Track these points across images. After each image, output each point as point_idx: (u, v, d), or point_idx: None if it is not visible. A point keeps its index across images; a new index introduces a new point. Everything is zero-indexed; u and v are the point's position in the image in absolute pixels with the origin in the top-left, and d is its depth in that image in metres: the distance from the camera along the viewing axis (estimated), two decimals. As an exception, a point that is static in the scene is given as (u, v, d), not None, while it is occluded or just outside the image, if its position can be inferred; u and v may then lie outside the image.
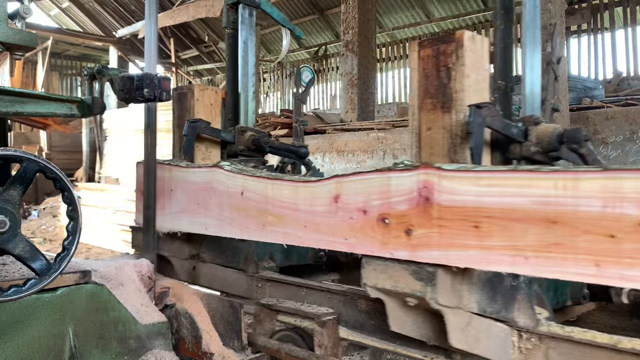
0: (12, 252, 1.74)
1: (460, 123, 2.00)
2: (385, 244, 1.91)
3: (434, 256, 1.79)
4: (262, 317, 2.70)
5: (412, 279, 1.87)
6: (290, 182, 2.21)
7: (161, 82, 2.55)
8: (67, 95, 2.38)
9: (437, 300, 1.83)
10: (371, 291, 2.00)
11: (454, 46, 2.01)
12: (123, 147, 11.54)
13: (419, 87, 2.11)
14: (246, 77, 3.04)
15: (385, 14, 14.31)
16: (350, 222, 2.01)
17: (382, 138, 8.03)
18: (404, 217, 1.86)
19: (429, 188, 1.79)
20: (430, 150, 2.08)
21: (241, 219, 2.38)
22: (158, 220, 2.71)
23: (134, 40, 16.10)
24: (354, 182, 2.00)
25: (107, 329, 2.13)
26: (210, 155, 3.00)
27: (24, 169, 1.74)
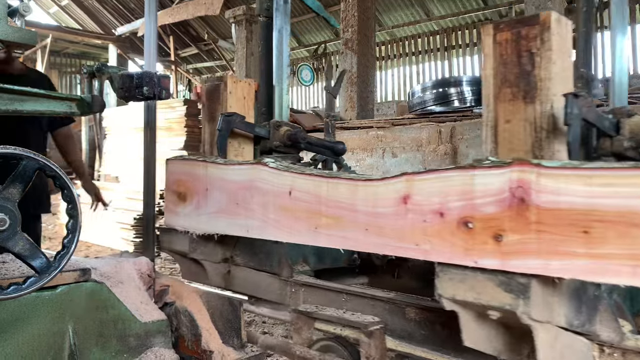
0: (11, 250, 1.69)
1: (546, 115, 1.75)
2: (468, 250, 1.65)
3: (530, 265, 1.53)
4: (300, 325, 2.48)
5: (499, 291, 1.62)
6: (348, 181, 1.95)
7: (161, 80, 2.44)
8: (66, 94, 2.32)
9: (529, 315, 1.58)
10: (447, 303, 1.74)
11: (539, 29, 1.76)
12: (122, 145, 11.29)
13: (495, 75, 1.85)
14: (281, 68, 2.77)
15: (385, 12, 14.08)
16: (423, 225, 1.75)
17: (381, 136, 7.82)
18: (492, 221, 1.60)
19: (525, 188, 1.53)
20: (509, 146, 1.83)
21: (289, 221, 2.12)
22: (192, 221, 2.46)
23: (133, 38, 15.78)
24: (429, 180, 1.74)
25: (106, 326, 2.07)
26: (243, 152, 2.73)
27: (23, 167, 1.70)
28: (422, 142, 6.94)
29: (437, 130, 6.83)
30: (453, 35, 13.39)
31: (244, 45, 12.30)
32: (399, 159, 7.21)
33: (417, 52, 14.11)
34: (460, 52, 13.33)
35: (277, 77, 2.78)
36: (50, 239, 10.40)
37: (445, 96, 9.09)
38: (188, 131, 9.50)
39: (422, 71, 14.01)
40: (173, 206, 2.56)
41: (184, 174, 2.49)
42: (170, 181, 2.57)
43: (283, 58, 2.78)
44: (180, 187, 2.51)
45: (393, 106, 12.94)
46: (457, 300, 1.72)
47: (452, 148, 6.68)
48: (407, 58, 14.34)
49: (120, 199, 10.03)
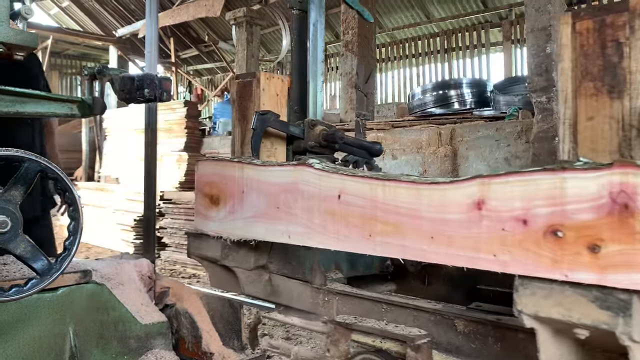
0: (13, 252, 1.70)
1: (636, 111, 1.55)
2: (557, 262, 1.45)
3: (635, 280, 1.33)
4: (337, 338, 2.29)
5: (594, 307, 1.42)
6: (410, 184, 1.74)
7: (162, 83, 2.41)
8: (67, 95, 2.29)
9: (630, 335, 1.38)
10: (528, 320, 1.54)
11: (628, 17, 1.55)
12: (123, 146, 11.13)
13: (575, 67, 1.65)
14: (315, 63, 2.56)
15: (385, 14, 13.90)
16: (501, 234, 1.54)
17: (381, 138, 7.68)
18: (586, 230, 1.40)
19: (629, 192, 1.33)
20: (591, 145, 1.63)
21: (338, 227, 1.91)
22: (226, 226, 2.25)
23: (134, 39, 15.53)
24: (508, 183, 1.53)
25: (107, 328, 2.08)
26: (275, 152, 2.52)
27: (25, 170, 1.71)
28: (422, 144, 6.79)
29: (437, 133, 6.67)
30: (453, 38, 13.22)
31: (244, 47, 12.11)
32: (399, 160, 7.06)
33: (417, 54, 13.93)
34: (461, 54, 13.16)
35: (312, 73, 2.57)
36: (50, 240, 10.17)
37: (445, 98, 8.95)
38: (188, 132, 9.31)
39: (422, 73, 13.84)
40: (204, 210, 2.34)
41: (216, 176, 2.28)
42: (201, 183, 2.35)
43: (318, 53, 2.58)
44: (212, 189, 2.29)
45: (393, 108, 12.77)
46: (542, 317, 1.51)
47: (452, 150, 6.54)
48: (407, 60, 14.16)
49: (121, 201, 9.82)
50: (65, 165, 11.48)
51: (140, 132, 2.56)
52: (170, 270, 7.66)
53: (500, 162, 6.13)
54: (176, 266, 7.75)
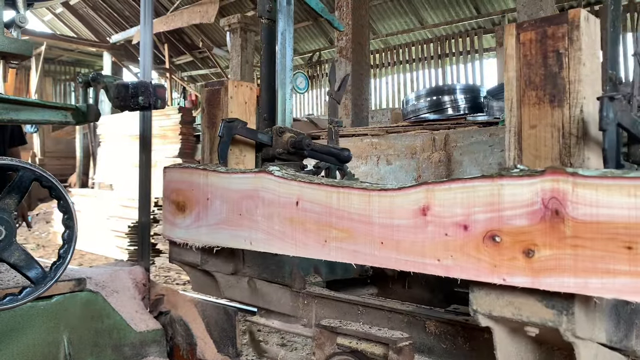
0: (7, 260, 1.71)
1: (575, 119, 1.61)
2: (496, 266, 1.50)
3: (567, 284, 1.39)
4: (322, 341, 2.36)
5: (541, 307, 1.49)
6: (361, 190, 1.79)
7: (156, 90, 2.44)
8: (62, 103, 2.43)
9: (574, 332, 1.45)
10: (482, 319, 1.60)
11: (567, 28, 1.62)
12: (117, 153, 11.18)
13: (519, 77, 1.71)
14: (284, 72, 2.62)
15: (379, 20, 14.00)
16: (444, 239, 1.60)
17: (375, 144, 7.72)
18: (522, 235, 1.45)
19: (560, 199, 1.38)
20: (535, 152, 1.69)
21: (296, 233, 1.96)
22: (192, 233, 2.30)
23: (128, 45, 15.62)
24: (450, 190, 1.59)
25: (101, 336, 2.10)
26: (244, 160, 2.58)
27: (20, 178, 1.72)
28: (417, 149, 6.84)
29: (431, 138, 6.73)
30: (447, 44, 13.32)
31: (238, 53, 12.19)
32: (393, 166, 7.10)
33: (411, 60, 14.03)
34: (454, 60, 13.25)
35: (280, 81, 2.63)
36: (44, 247, 10.21)
37: (439, 104, 9.03)
38: (182, 139, 9.37)
39: (416, 79, 13.93)
40: (171, 217, 2.39)
41: (182, 183, 2.34)
42: (168, 190, 2.41)
43: (286, 61, 2.63)
44: (179, 196, 2.35)
45: (387, 114, 12.84)
46: (494, 316, 1.57)
47: (446, 155, 6.59)
48: (401, 66, 14.26)
49: (115, 207, 9.86)
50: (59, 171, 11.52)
51: (135, 138, 2.63)
52: (165, 277, 7.70)
53: (494, 167, 6.18)
54: (171, 273, 7.80)
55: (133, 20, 15.78)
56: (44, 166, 3.64)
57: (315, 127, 10.59)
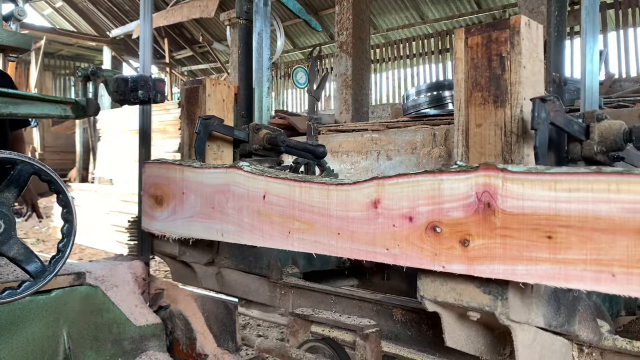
0: (6, 254, 1.71)
1: (516, 119, 1.75)
2: (436, 255, 1.64)
3: (497, 270, 1.53)
4: (296, 329, 2.51)
5: (479, 292, 1.63)
6: (321, 185, 1.94)
7: (156, 84, 2.47)
8: (61, 97, 2.41)
9: (508, 316, 1.59)
10: (429, 304, 1.75)
11: (509, 33, 1.76)
12: (116, 147, 11.28)
13: (467, 78, 1.85)
14: (261, 71, 2.76)
15: (380, 15, 14.10)
16: (392, 230, 1.74)
17: (376, 139, 7.83)
18: (459, 226, 1.59)
19: (491, 193, 1.52)
20: (480, 150, 1.83)
21: (263, 225, 2.11)
22: (168, 225, 2.45)
23: (128, 40, 15.76)
24: (398, 185, 1.73)
25: (101, 330, 2.10)
26: (222, 155, 2.72)
27: (18, 172, 1.71)
28: (417, 144, 6.94)
29: (431, 133, 6.83)
30: (447, 38, 13.41)
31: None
32: (393, 161, 7.21)
33: (412, 55, 14.12)
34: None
35: (257, 80, 2.76)
36: (44, 242, 10.38)
37: (439, 99, 9.10)
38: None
39: (417, 74, 14.03)
40: (150, 210, 2.54)
41: (160, 178, 2.48)
42: (147, 185, 2.56)
43: (263, 61, 2.77)
44: (157, 190, 2.50)
45: (388, 109, 12.95)
46: (439, 301, 1.72)
47: (447, 151, 6.69)
48: (402, 61, 14.36)
49: (115, 202, 10.00)
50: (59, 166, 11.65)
51: (135, 133, 2.69)
52: (164, 272, 7.83)
53: (494, 162, 6.28)
54: (171, 267, 7.90)
55: (133, 15, 15.93)
56: (44, 161, 3.72)
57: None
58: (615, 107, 6.81)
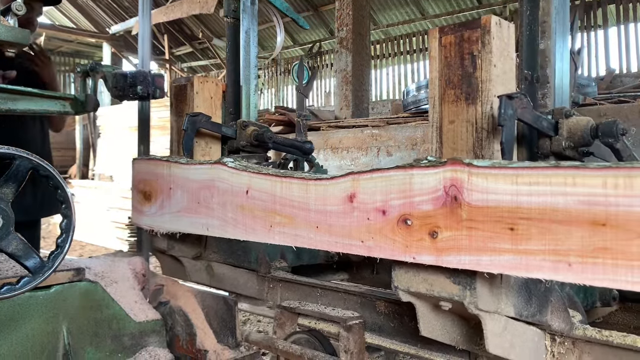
0: (5, 250, 1.71)
1: (486, 115, 1.82)
2: (407, 247, 1.72)
3: (463, 261, 1.60)
4: (283, 321, 2.59)
5: (449, 282, 1.70)
6: (301, 180, 2.01)
7: (155, 79, 2.49)
8: (60, 93, 2.35)
9: (476, 305, 1.66)
10: (403, 295, 1.83)
11: (480, 32, 1.82)
12: (117, 144, 11.39)
13: (440, 77, 1.92)
14: (248, 68, 2.84)
15: (380, 10, 14.15)
16: (367, 223, 1.82)
17: (376, 135, 7.88)
18: (428, 218, 1.67)
19: (458, 186, 1.60)
20: (452, 146, 1.90)
21: (246, 220, 2.19)
22: (156, 220, 2.53)
23: (128, 36, 15.86)
24: (372, 179, 1.81)
25: (101, 326, 2.11)
26: (210, 151, 2.80)
27: (16, 167, 1.71)
28: (417, 140, 6.99)
29: (431, 129, 6.87)
30: (447, 34, 13.44)
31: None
32: (394, 157, 7.27)
33: (412, 50, 14.20)
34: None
35: (245, 77, 2.84)
36: (44, 238, 10.48)
37: (439, 95, 9.12)
38: (182, 130, 9.57)
39: (417, 70, 14.10)
40: (139, 205, 2.63)
41: (148, 174, 2.56)
42: (136, 180, 2.64)
43: (250, 59, 2.85)
44: (145, 186, 2.58)
45: (388, 105, 12.99)
46: (412, 292, 1.79)
47: (447, 147, 6.73)
48: (402, 57, 14.42)
49: (115, 198, 10.11)
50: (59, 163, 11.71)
51: (134, 129, 2.75)
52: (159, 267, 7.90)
53: (497, 156, 6.35)
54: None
55: (132, 11, 16.02)
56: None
57: (316, 118, 10.74)
58: (615, 103, 6.87)
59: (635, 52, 11.06)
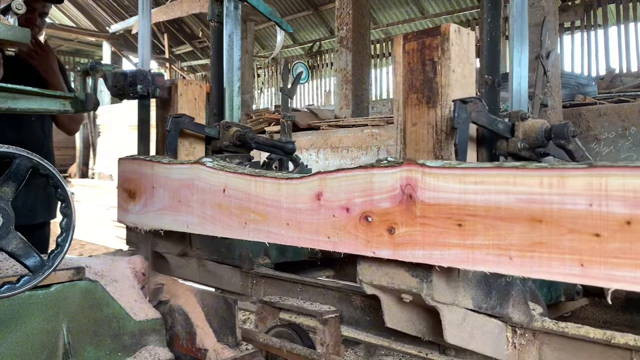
0: (5, 249, 1.73)
1: (445, 118, 1.94)
2: (368, 242, 1.85)
3: (417, 255, 1.73)
4: (264, 315, 2.71)
5: (408, 276, 1.82)
6: (273, 179, 2.14)
7: (155, 79, 2.55)
8: (60, 92, 2.42)
9: (432, 297, 1.79)
10: (367, 288, 1.95)
11: (440, 39, 1.95)
12: (117, 143, 11.52)
13: (404, 81, 2.05)
14: (231, 71, 2.97)
15: (380, 10, 14.27)
16: (332, 220, 1.95)
17: (376, 134, 7.99)
18: (386, 215, 1.80)
19: (412, 185, 1.73)
20: (415, 147, 2.03)
21: (223, 217, 2.32)
22: (140, 217, 2.66)
23: (128, 35, 16.03)
24: (337, 179, 1.93)
25: (101, 325, 2.13)
26: (194, 151, 2.93)
27: (16, 166, 1.73)
28: (417, 140, 7.09)
29: (430, 128, 6.99)
30: (447, 33, 13.54)
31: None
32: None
33: (412, 50, 14.26)
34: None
35: (228, 80, 2.97)
36: (44, 238, 10.62)
37: (439, 94, 9.24)
38: (181, 129, 9.71)
39: (417, 69, 14.15)
40: (124, 204, 2.76)
41: (133, 173, 2.69)
42: (122, 179, 2.77)
43: (234, 62, 2.98)
44: (130, 185, 2.71)
45: (388, 104, 13.12)
46: (375, 284, 1.92)
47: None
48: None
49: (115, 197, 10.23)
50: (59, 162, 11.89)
51: (134, 128, 2.84)
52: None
53: (494, 156, 6.49)
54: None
55: (133, 10, 16.17)
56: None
57: (316, 117, 10.86)
58: (615, 102, 6.98)
59: (635, 51, 11.14)
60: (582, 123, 7.05)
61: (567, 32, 11.87)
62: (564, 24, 11.48)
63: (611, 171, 1.37)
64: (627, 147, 6.77)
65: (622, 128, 6.77)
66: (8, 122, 3.07)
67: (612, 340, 1.77)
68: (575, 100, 7.35)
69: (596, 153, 7.02)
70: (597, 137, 7.00)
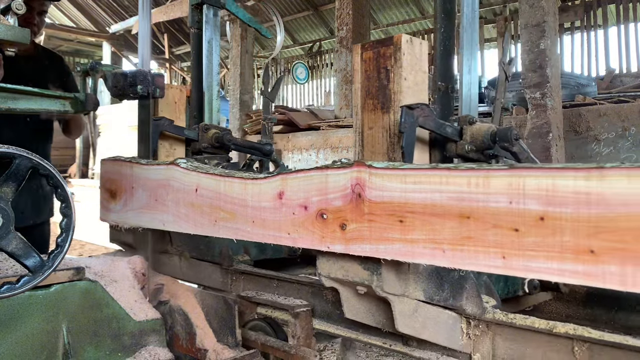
0: (5, 249, 1.75)
1: (397, 123, 2.11)
2: (323, 238, 2.02)
3: (365, 249, 1.90)
4: (242, 309, 2.86)
5: (360, 269, 1.99)
6: (240, 179, 2.31)
7: (155, 79, 2.60)
8: (60, 92, 2.41)
9: (382, 288, 1.95)
10: (326, 281, 2.12)
11: (392, 49, 2.12)
12: (117, 143, 11.65)
13: (362, 88, 2.22)
14: (211, 75, 3.15)
15: (380, 10, 14.42)
16: (292, 217, 2.12)
17: (376, 135, 8.09)
18: (339, 213, 1.97)
19: (361, 185, 1.90)
20: (372, 149, 2.20)
21: (195, 215, 2.49)
22: (122, 216, 2.83)
23: (128, 35, 16.22)
24: (297, 179, 2.11)
25: (101, 325, 2.15)
26: (174, 153, 3.11)
27: (16, 166, 1.75)
28: (417, 138, 7.22)
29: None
30: (447, 33, 13.67)
31: (238, 43, 12.69)
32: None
33: (412, 50, 14.41)
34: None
35: (207, 84, 3.15)
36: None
37: (439, 94, 9.37)
38: (181, 129, 9.87)
39: (417, 69, 14.29)
40: (106, 203, 2.94)
41: (114, 174, 2.87)
42: (104, 180, 2.95)
43: (213, 67, 3.16)
44: (112, 185, 2.89)
45: (387, 105, 13.17)
46: (332, 277, 2.08)
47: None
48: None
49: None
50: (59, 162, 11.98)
51: (134, 128, 2.93)
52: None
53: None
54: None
55: (132, 10, 16.38)
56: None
57: (316, 118, 10.99)
58: (615, 102, 7.10)
59: (635, 52, 11.25)
60: (582, 123, 7.18)
61: (567, 33, 11.99)
62: (564, 24, 11.61)
63: (529, 172, 1.55)
64: (627, 147, 6.89)
65: (622, 128, 6.90)
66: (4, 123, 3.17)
67: (554, 330, 1.91)
68: (575, 101, 7.47)
69: (596, 153, 7.14)
70: (597, 137, 7.13)
